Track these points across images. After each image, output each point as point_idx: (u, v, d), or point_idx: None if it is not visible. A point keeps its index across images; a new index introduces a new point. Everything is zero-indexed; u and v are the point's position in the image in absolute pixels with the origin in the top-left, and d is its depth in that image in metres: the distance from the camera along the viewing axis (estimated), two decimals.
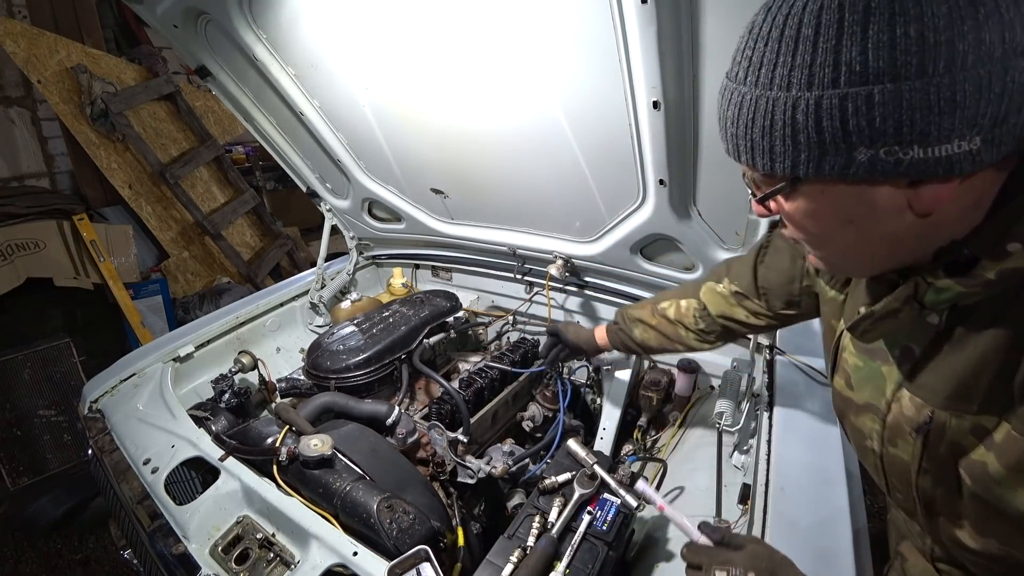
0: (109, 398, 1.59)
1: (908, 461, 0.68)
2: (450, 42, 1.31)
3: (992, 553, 0.65)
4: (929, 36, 0.44)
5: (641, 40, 1.04)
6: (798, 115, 0.50)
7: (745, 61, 0.54)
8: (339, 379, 1.62)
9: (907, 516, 0.81)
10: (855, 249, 0.60)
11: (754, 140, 0.55)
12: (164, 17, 1.57)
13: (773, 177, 0.57)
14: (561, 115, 1.33)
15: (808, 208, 0.58)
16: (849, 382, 0.77)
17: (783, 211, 0.62)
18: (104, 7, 3.96)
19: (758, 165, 0.57)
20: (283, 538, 1.13)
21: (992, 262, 0.52)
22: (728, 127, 0.58)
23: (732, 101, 0.56)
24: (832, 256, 0.65)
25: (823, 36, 0.47)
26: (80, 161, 3.61)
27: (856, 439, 0.80)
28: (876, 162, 0.49)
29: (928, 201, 0.51)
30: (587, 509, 1.08)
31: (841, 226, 0.58)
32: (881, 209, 0.54)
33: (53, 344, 2.96)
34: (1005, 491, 0.58)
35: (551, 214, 1.73)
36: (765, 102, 0.52)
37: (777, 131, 0.52)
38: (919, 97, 0.45)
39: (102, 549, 2.50)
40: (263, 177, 4.75)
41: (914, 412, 0.66)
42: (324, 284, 2.25)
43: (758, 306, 1.07)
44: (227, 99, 1.89)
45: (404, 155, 1.79)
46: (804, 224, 0.61)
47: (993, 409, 0.58)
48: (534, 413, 1.74)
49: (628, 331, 1.32)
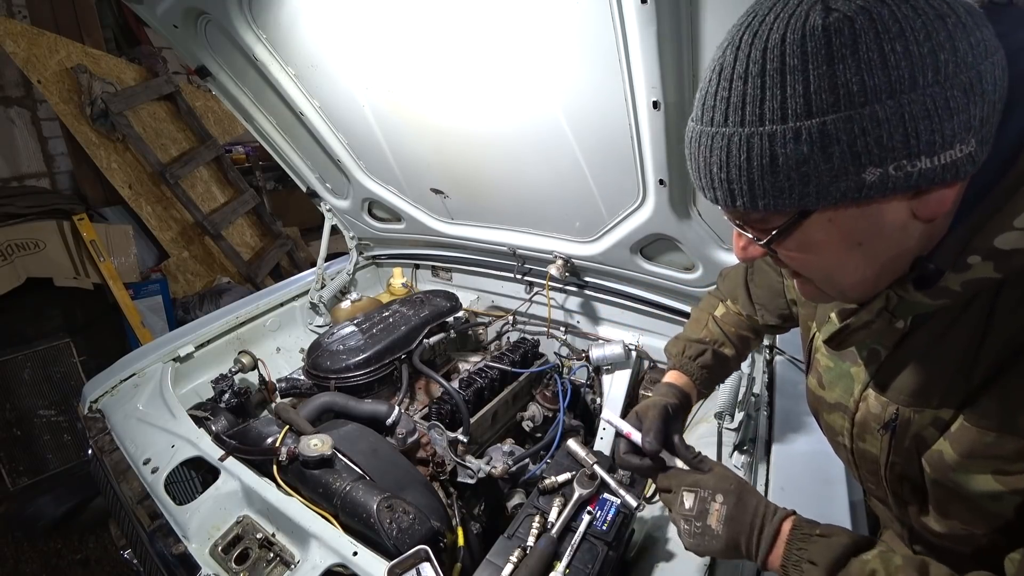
0: (109, 398, 1.59)
1: (877, 455, 0.72)
2: (450, 42, 1.31)
3: (957, 534, 0.69)
4: (914, 50, 0.46)
5: (641, 40, 1.04)
6: (802, 146, 0.49)
7: (721, 103, 0.53)
8: (339, 379, 1.62)
9: (881, 504, 0.85)
10: (862, 273, 0.59)
11: (752, 181, 0.52)
12: (164, 17, 1.57)
13: (775, 215, 0.55)
14: (561, 115, 1.33)
15: (815, 239, 0.56)
16: (821, 381, 0.81)
17: (781, 252, 0.59)
18: (104, 7, 3.97)
19: (759, 206, 0.53)
20: (283, 538, 1.13)
21: (955, 274, 0.54)
22: (715, 173, 0.55)
23: (714, 146, 0.54)
24: (838, 286, 0.62)
25: (812, 63, 0.47)
26: (80, 161, 3.61)
27: (829, 435, 0.83)
28: (887, 179, 0.49)
29: (934, 206, 0.52)
30: (587, 509, 1.08)
31: (849, 251, 0.56)
32: (889, 224, 0.54)
33: (53, 344, 2.96)
34: (959, 476, 0.61)
35: (551, 214, 1.73)
36: (759, 139, 0.50)
37: (779, 166, 0.50)
38: (919, 108, 0.46)
39: (102, 549, 2.50)
40: (263, 177, 4.75)
41: (880, 410, 0.69)
42: (324, 284, 2.25)
43: (756, 322, 1.07)
44: (227, 99, 1.89)
45: (404, 155, 1.79)
46: (808, 258, 0.59)
47: (950, 403, 0.62)
48: (534, 413, 1.74)
49: (723, 357, 1.06)
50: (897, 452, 0.69)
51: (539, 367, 1.84)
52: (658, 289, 1.73)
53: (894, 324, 0.65)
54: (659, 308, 1.74)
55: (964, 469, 0.61)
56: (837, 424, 0.79)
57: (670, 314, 1.73)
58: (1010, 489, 0.58)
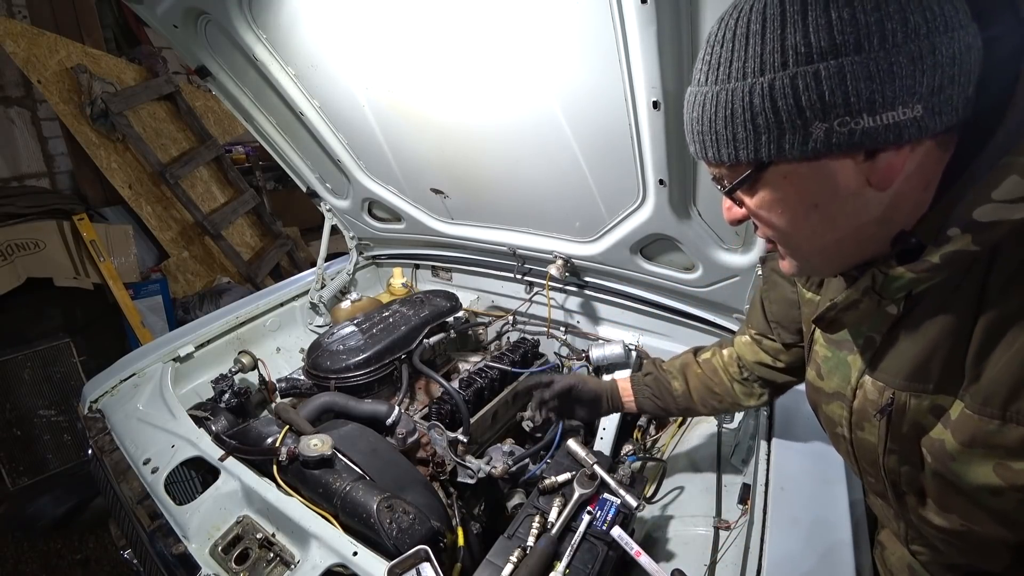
0: (109, 398, 1.59)
1: (875, 443, 0.72)
2: (451, 42, 1.31)
3: (955, 530, 0.69)
4: (860, 17, 0.50)
5: (641, 40, 1.04)
6: (755, 99, 0.55)
7: (704, 66, 0.60)
8: (339, 379, 1.62)
9: (880, 500, 0.85)
10: (822, 238, 0.63)
11: (717, 133, 0.59)
12: (164, 17, 1.57)
13: (738, 167, 0.61)
14: (561, 115, 1.33)
15: (773, 197, 0.61)
16: (819, 372, 0.82)
17: (750, 208, 0.65)
18: (104, 7, 3.97)
19: (723, 156, 0.60)
20: (283, 538, 1.13)
21: (935, 248, 0.56)
22: (694, 128, 0.63)
23: (695, 103, 0.61)
24: (801, 251, 0.67)
25: (769, 27, 0.53)
26: (80, 161, 3.61)
27: (828, 427, 0.84)
28: (831, 134, 0.53)
29: (884, 171, 0.55)
30: (587, 509, 1.08)
31: (807, 213, 0.60)
32: (843, 188, 0.57)
33: (53, 344, 2.96)
34: (959, 466, 0.61)
35: (551, 214, 1.73)
36: (725, 95, 0.57)
37: (738, 118, 0.56)
38: (860, 69, 0.50)
39: (102, 549, 2.50)
40: (263, 177, 4.75)
41: (877, 395, 0.70)
42: (324, 284, 2.25)
43: (776, 345, 1.05)
44: (227, 99, 1.89)
45: (404, 155, 1.79)
46: (771, 217, 0.63)
47: (948, 388, 0.62)
48: (534, 413, 1.74)
49: (666, 383, 1.20)
50: (895, 439, 0.69)
51: (539, 367, 1.84)
52: (658, 289, 1.73)
53: (885, 308, 0.66)
54: (659, 308, 1.74)
55: (965, 459, 0.60)
56: (836, 414, 0.79)
57: (670, 314, 1.73)
58: (1010, 485, 0.57)
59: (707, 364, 1.17)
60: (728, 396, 1.14)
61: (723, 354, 1.16)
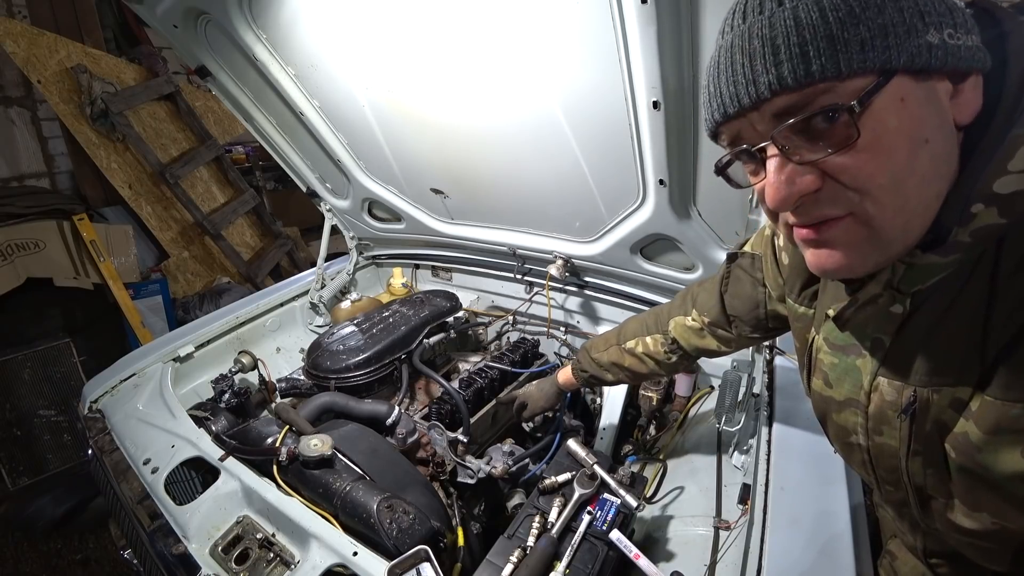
0: (109, 398, 1.59)
1: (896, 446, 0.69)
2: (450, 42, 1.31)
3: (987, 530, 0.65)
4: None
5: (641, 40, 1.04)
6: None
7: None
8: (339, 379, 1.62)
9: (897, 513, 0.82)
10: (925, 186, 0.53)
11: (831, 36, 0.48)
12: (164, 17, 1.57)
13: (856, 76, 0.49)
14: (561, 115, 1.33)
15: (889, 128, 0.50)
16: (827, 380, 0.78)
17: (833, 165, 0.52)
18: (104, 7, 3.96)
19: (842, 64, 0.48)
20: (283, 538, 1.13)
21: (962, 228, 0.54)
22: (779, 49, 0.50)
23: (774, 24, 0.50)
24: (902, 193, 0.53)
25: None
26: (80, 161, 3.61)
27: (840, 437, 0.80)
28: (946, 47, 0.50)
29: (968, 99, 0.53)
30: (587, 509, 1.08)
31: (918, 148, 0.51)
32: (944, 122, 0.52)
33: (53, 344, 2.96)
34: (987, 456, 0.59)
35: (551, 214, 1.73)
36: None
37: (859, 16, 0.48)
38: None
39: (102, 549, 2.50)
40: (263, 177, 4.75)
41: (895, 396, 0.67)
42: (324, 284, 2.25)
43: (730, 334, 1.10)
44: (227, 99, 1.89)
45: (404, 155, 1.79)
46: (876, 163, 0.51)
47: (967, 380, 0.59)
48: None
49: (599, 375, 1.35)
50: (918, 439, 0.66)
51: (539, 367, 1.84)
52: (658, 289, 1.73)
53: (891, 310, 0.64)
54: None
55: (992, 449, 0.58)
56: (850, 422, 0.76)
57: None
58: None
59: (633, 354, 1.27)
60: (655, 374, 1.29)
61: (647, 342, 1.24)
